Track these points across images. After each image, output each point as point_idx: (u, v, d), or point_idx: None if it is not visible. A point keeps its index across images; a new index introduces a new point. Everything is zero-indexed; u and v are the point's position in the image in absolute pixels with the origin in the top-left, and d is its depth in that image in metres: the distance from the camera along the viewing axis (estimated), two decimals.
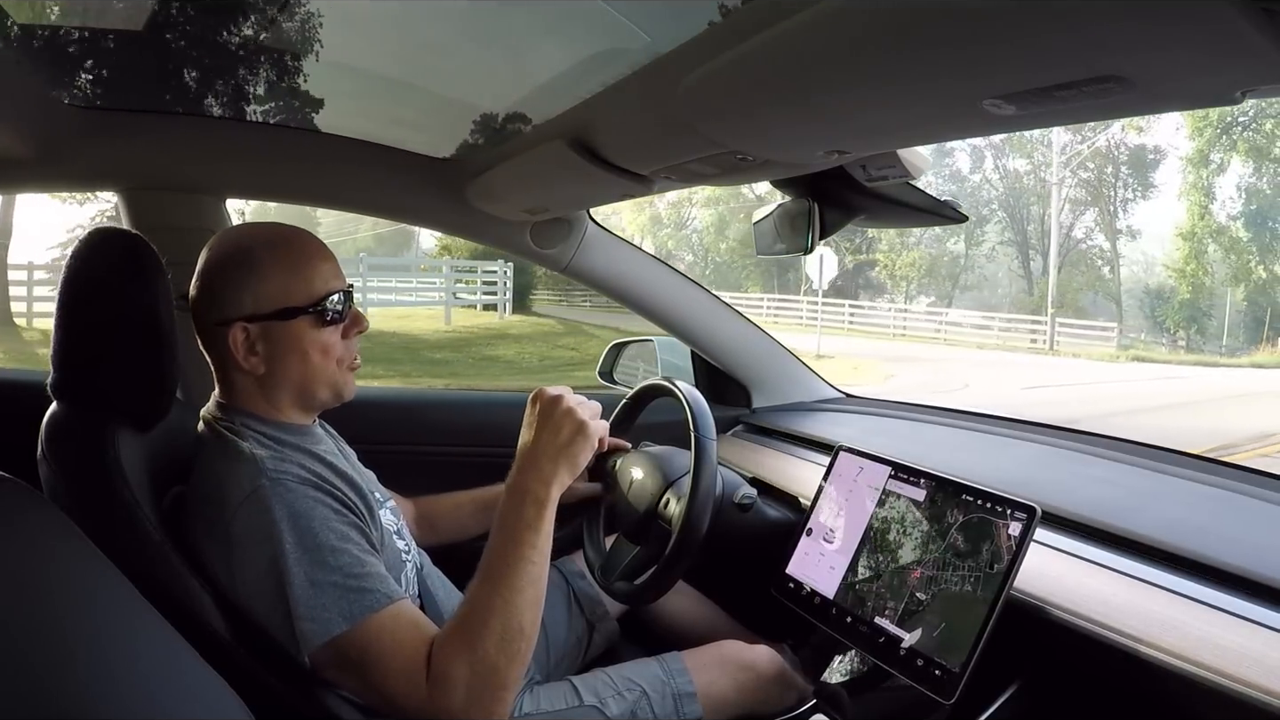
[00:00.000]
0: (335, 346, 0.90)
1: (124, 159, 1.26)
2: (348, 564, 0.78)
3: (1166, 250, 22.32)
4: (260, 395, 0.89)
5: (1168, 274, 22.50)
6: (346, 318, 0.91)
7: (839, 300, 20.97)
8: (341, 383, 0.91)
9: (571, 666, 1.20)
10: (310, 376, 0.89)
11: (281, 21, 1.02)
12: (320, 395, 0.91)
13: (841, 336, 17.26)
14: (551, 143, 1.00)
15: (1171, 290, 21.62)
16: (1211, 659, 0.66)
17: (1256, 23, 0.39)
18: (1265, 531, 0.87)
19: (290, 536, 0.77)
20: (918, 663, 0.84)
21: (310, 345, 0.88)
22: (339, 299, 0.89)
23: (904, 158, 0.89)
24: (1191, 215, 20.77)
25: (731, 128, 0.78)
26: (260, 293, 0.85)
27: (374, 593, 0.77)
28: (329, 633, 0.75)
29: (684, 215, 28.27)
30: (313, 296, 0.87)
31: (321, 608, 0.76)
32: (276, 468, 0.81)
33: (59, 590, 0.52)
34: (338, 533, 0.79)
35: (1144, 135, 22.74)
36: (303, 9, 1.01)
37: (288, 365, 0.87)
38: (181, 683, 0.57)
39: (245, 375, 0.88)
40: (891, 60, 0.56)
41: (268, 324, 0.86)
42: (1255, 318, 21.29)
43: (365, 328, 0.93)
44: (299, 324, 0.87)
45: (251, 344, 0.86)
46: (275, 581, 0.76)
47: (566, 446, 0.87)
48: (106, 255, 0.86)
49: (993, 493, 0.86)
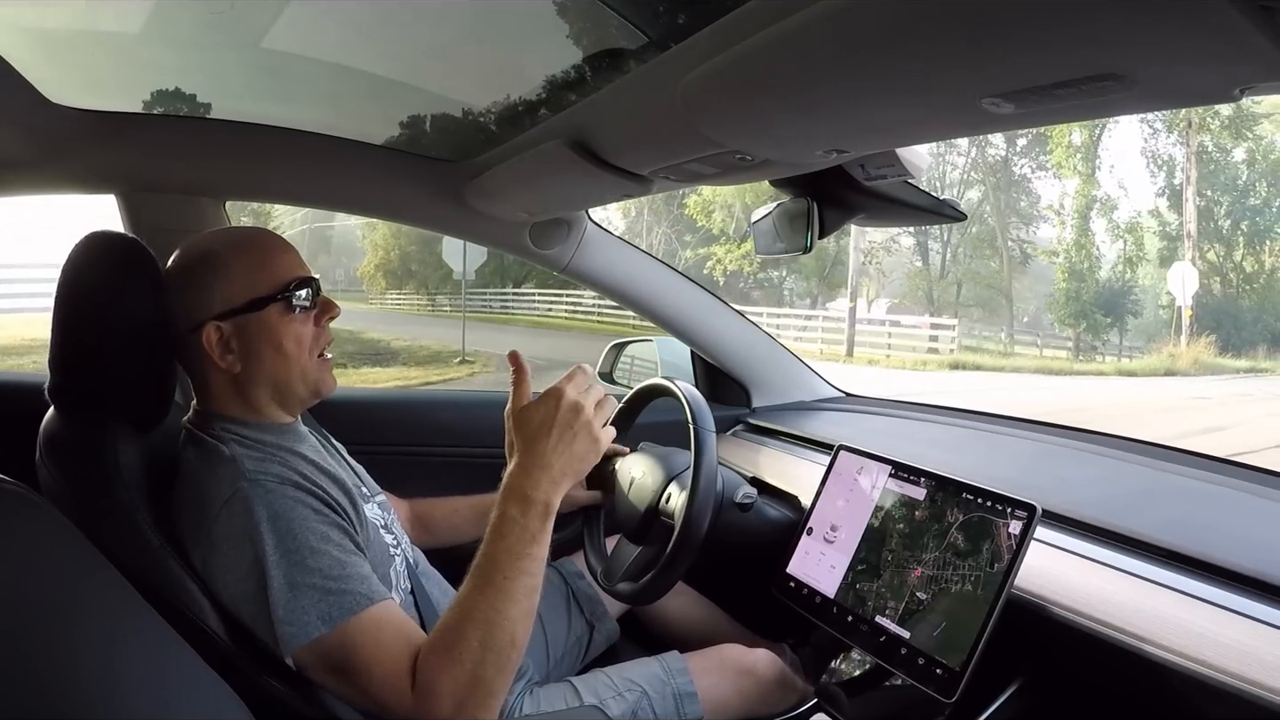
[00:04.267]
0: (307, 335, 0.89)
1: (121, 161, 1.26)
2: (327, 565, 0.77)
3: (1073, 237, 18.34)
4: (238, 397, 0.88)
5: (1046, 260, 19.44)
6: (316, 306, 0.91)
7: (526, 291, 18.79)
8: (318, 377, 0.91)
9: (571, 667, 1.20)
10: (286, 369, 0.88)
11: (280, 21, 1.02)
12: (297, 390, 0.90)
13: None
14: (551, 143, 1.00)
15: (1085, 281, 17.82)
16: (1213, 657, 0.66)
17: (1255, 20, 0.39)
18: (1267, 529, 0.87)
19: (270, 538, 0.76)
20: (918, 662, 0.84)
21: (283, 335, 0.87)
22: (306, 289, 0.89)
23: (903, 157, 0.89)
24: (1081, 192, 17.84)
25: (731, 128, 0.77)
26: (227, 290, 0.86)
27: (353, 594, 0.76)
28: (308, 635, 0.75)
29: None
30: (278, 284, 0.87)
31: (301, 610, 0.75)
32: (256, 469, 0.80)
33: (60, 592, 0.52)
34: (317, 534, 0.78)
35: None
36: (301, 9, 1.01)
37: (263, 359, 0.87)
38: (183, 685, 0.57)
39: (221, 377, 0.87)
40: (890, 59, 0.56)
41: (239, 319, 0.86)
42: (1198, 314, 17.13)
43: (337, 313, 0.93)
44: (269, 314, 0.87)
45: (226, 342, 0.86)
46: (256, 584, 0.76)
47: (580, 457, 0.83)
48: (104, 259, 0.86)
49: (993, 491, 0.86)
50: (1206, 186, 17.86)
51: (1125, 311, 18.23)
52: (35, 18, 0.99)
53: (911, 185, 1.01)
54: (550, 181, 1.17)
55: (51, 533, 0.55)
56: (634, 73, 0.84)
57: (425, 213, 1.49)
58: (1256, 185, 18.04)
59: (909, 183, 0.99)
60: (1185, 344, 15.45)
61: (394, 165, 1.35)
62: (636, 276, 1.54)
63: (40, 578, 0.51)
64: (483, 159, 1.24)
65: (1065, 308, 17.82)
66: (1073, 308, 17.66)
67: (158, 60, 1.17)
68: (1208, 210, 18.03)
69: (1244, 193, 18.06)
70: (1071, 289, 17.73)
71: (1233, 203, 18.12)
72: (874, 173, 0.94)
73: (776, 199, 1.14)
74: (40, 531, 0.54)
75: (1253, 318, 17.52)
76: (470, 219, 1.41)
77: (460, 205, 1.37)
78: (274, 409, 0.90)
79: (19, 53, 0.94)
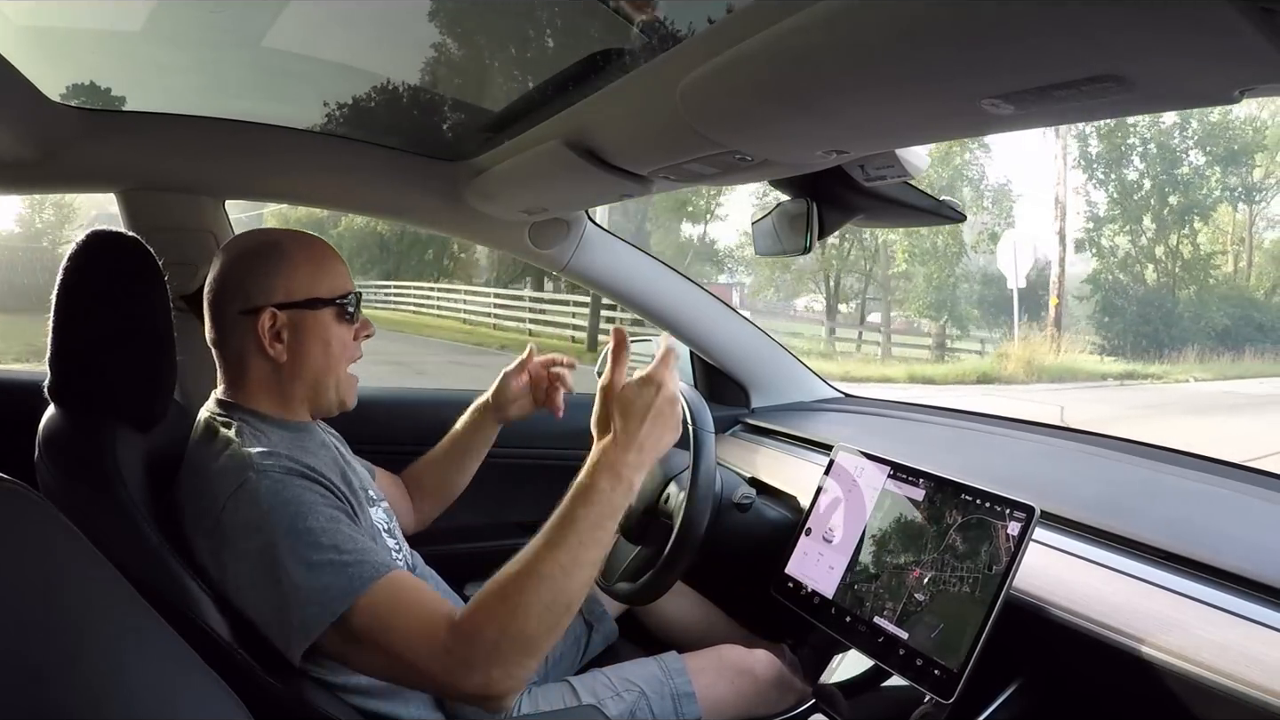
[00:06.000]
0: (349, 345, 0.94)
1: (122, 160, 1.25)
2: (341, 541, 0.77)
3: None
4: (275, 387, 0.91)
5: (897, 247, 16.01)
6: (358, 320, 0.96)
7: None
8: (346, 390, 0.95)
9: (570, 667, 1.20)
10: (328, 369, 0.92)
11: (280, 20, 1.02)
12: (329, 394, 0.93)
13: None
14: (551, 143, 1.00)
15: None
16: (1212, 659, 0.66)
17: (1255, 22, 0.39)
18: (1266, 531, 0.87)
19: (280, 525, 0.76)
20: (916, 663, 0.84)
21: (333, 337, 0.92)
22: (354, 299, 0.94)
23: (902, 157, 0.89)
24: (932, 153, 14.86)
25: (730, 128, 0.78)
26: (289, 282, 0.90)
27: (370, 564, 0.76)
28: (335, 611, 0.74)
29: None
30: (335, 291, 0.92)
31: (323, 589, 0.74)
32: (264, 460, 0.80)
33: (60, 591, 0.52)
34: (326, 515, 0.78)
35: None
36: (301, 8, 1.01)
37: (311, 354, 0.91)
38: (184, 684, 0.57)
39: (265, 365, 0.90)
40: (890, 60, 0.56)
41: (296, 312, 0.89)
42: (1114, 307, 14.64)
43: (372, 332, 0.98)
44: (324, 315, 0.91)
45: (278, 331, 0.89)
46: (267, 573, 0.76)
47: (666, 445, 0.85)
48: (104, 258, 0.86)
49: (991, 492, 0.86)
50: (1131, 155, 15.68)
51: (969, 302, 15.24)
52: (35, 16, 0.99)
53: (911, 186, 1.01)
54: (550, 181, 1.17)
55: (50, 531, 0.55)
56: (634, 73, 0.84)
57: (425, 213, 1.49)
58: (1190, 153, 15.94)
59: (908, 183, 0.99)
60: (1044, 338, 12.40)
61: (394, 165, 1.35)
62: (636, 276, 1.54)
63: (39, 576, 0.51)
64: (483, 159, 1.24)
65: (922, 297, 15.17)
66: (930, 297, 14.91)
67: (158, 59, 1.17)
68: (1137, 183, 16.02)
69: (1171, 163, 15.89)
70: (932, 274, 14.82)
71: (1160, 173, 15.83)
72: (874, 173, 0.94)
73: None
74: (39, 530, 0.54)
75: (1194, 313, 15.33)
76: (470, 219, 1.42)
77: (460, 205, 1.37)
78: (302, 407, 0.93)
79: (19, 51, 0.94)
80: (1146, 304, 15.54)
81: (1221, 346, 14.66)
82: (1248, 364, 14.06)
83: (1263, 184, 16.70)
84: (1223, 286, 16.27)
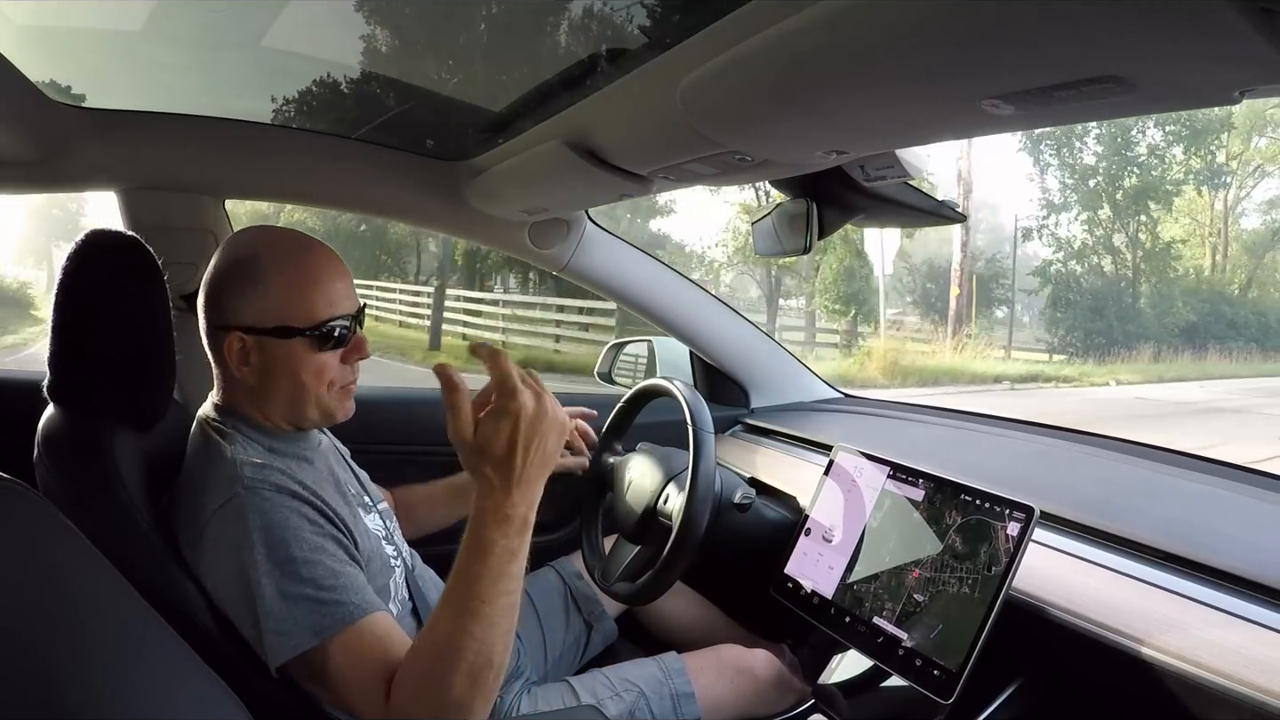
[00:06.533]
0: (330, 369, 0.87)
1: (122, 159, 1.25)
2: (321, 575, 0.76)
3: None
4: (253, 404, 0.88)
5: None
6: (348, 343, 0.89)
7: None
8: (333, 407, 0.89)
9: (569, 667, 1.20)
10: (300, 397, 0.87)
11: (280, 20, 1.02)
12: (309, 415, 0.89)
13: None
14: (551, 143, 1.00)
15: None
16: (1211, 659, 0.66)
17: (1255, 22, 0.39)
18: (1265, 531, 0.87)
19: (262, 548, 0.75)
20: (916, 663, 0.84)
21: (303, 367, 0.86)
22: (343, 324, 0.87)
23: (902, 158, 0.89)
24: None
25: (730, 128, 0.78)
26: (260, 307, 0.84)
27: (347, 605, 0.75)
28: (297, 648, 0.74)
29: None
30: (313, 320, 0.85)
31: (292, 621, 0.74)
32: (255, 475, 0.79)
33: (60, 591, 0.52)
34: (311, 544, 0.77)
35: None
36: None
37: (278, 382, 0.86)
38: (184, 684, 0.57)
39: (239, 382, 0.87)
40: (890, 61, 0.56)
41: (264, 339, 0.85)
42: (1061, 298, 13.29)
43: (366, 355, 0.91)
44: (295, 344, 0.85)
45: (246, 354, 0.85)
46: (243, 591, 0.75)
47: (553, 454, 0.75)
48: (104, 257, 0.86)
49: (991, 493, 0.86)
50: (1082, 133, 14.37)
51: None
52: (35, 16, 0.99)
53: (911, 186, 1.01)
54: (550, 181, 1.17)
55: (49, 530, 0.55)
56: (634, 73, 0.84)
57: (425, 213, 1.49)
58: (1148, 131, 14.64)
59: (908, 183, 0.99)
60: (941, 336, 11.06)
61: (395, 165, 1.36)
62: (636, 276, 1.54)
63: (38, 575, 0.51)
64: (483, 159, 1.24)
65: (834, 289, 13.32)
66: (844, 288, 13.19)
67: (158, 58, 1.17)
68: (1093, 168, 14.95)
69: (1124, 144, 14.72)
70: (832, 264, 13.24)
71: (1113, 154, 14.71)
72: (874, 173, 0.94)
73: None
74: (38, 529, 0.54)
75: (1161, 309, 14.31)
76: (470, 219, 1.42)
77: (460, 205, 1.37)
78: (285, 423, 0.89)
79: (19, 51, 0.94)
80: (1101, 298, 14.45)
81: (1184, 344, 13.81)
82: (1209, 364, 13.26)
83: (1227, 167, 15.45)
84: (1188, 279, 15.24)
